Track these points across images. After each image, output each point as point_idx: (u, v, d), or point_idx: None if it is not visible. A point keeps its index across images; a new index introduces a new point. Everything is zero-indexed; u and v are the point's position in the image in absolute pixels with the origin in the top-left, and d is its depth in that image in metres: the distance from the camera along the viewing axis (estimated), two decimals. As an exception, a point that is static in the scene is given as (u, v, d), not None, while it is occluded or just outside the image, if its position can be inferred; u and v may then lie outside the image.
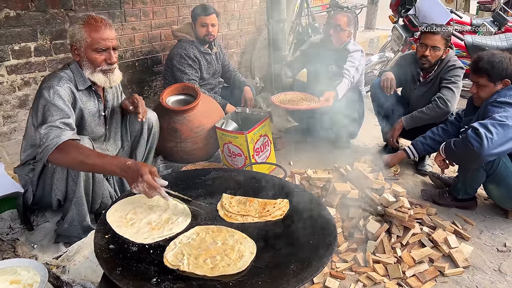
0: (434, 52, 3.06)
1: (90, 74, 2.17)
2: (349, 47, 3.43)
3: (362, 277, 2.13)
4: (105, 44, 2.12)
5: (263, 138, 2.93)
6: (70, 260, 2.02)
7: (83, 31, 2.09)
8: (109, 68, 2.18)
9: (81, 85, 2.19)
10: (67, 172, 2.09)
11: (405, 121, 3.15)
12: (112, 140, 2.48)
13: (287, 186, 2.01)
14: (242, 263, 1.47)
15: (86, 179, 2.14)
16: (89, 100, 2.26)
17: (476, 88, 2.57)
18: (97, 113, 2.32)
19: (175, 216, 1.72)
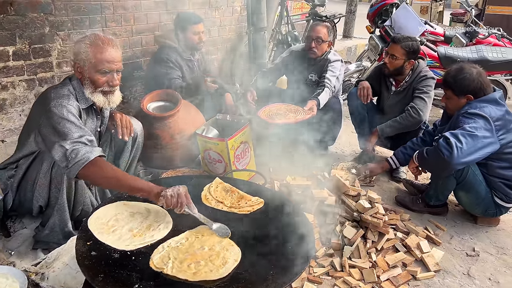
0: (392, 60, 3.22)
1: (90, 93, 2.15)
2: (330, 56, 3.53)
3: (339, 282, 2.19)
4: (110, 66, 2.11)
5: (243, 144, 2.97)
6: (49, 267, 2.01)
7: (89, 51, 2.07)
8: (110, 90, 2.17)
9: (83, 103, 2.17)
10: (50, 179, 2.08)
11: (380, 130, 3.27)
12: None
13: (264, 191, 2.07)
14: (224, 269, 1.52)
15: (68, 186, 2.13)
16: (89, 117, 2.26)
17: (445, 99, 2.71)
18: (94, 130, 2.32)
19: (157, 223, 1.75)
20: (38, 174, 2.09)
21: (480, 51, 4.42)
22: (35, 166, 2.11)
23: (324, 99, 3.34)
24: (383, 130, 3.26)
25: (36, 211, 2.24)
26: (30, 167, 2.14)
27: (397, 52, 3.19)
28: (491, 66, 4.22)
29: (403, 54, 3.18)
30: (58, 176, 2.08)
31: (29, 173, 2.15)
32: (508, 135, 2.49)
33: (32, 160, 2.13)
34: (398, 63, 3.22)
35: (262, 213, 1.88)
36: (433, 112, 4.78)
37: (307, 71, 3.61)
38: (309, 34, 3.58)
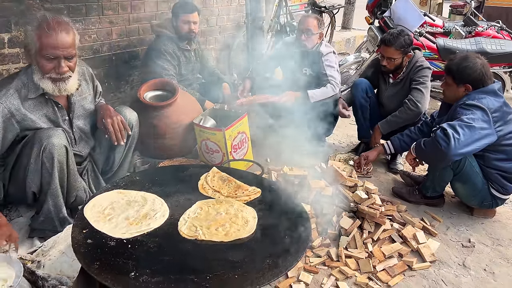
0: (391, 62, 3.21)
1: (39, 79, 2.07)
2: (322, 49, 3.51)
3: (335, 271, 2.19)
4: (54, 52, 2.01)
5: (241, 135, 2.97)
6: (45, 255, 2.01)
7: (34, 34, 2.00)
8: (59, 77, 2.08)
9: (32, 93, 2.10)
10: (41, 164, 2.06)
11: (381, 127, 3.29)
12: (83, 141, 2.43)
13: (263, 181, 2.07)
14: (249, 227, 1.68)
15: (60, 171, 2.11)
16: (42, 107, 2.17)
17: (444, 85, 2.71)
18: (59, 119, 2.24)
19: (153, 211, 1.75)
20: (29, 160, 2.06)
21: (479, 43, 4.41)
22: (25, 153, 2.09)
23: (320, 94, 3.39)
24: (384, 127, 3.28)
25: (30, 199, 2.23)
26: (21, 154, 2.11)
27: (393, 53, 3.15)
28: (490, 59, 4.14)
29: (400, 53, 3.17)
30: (49, 161, 2.05)
31: (20, 160, 2.13)
32: (506, 127, 2.49)
33: (22, 147, 2.11)
34: (397, 62, 3.20)
35: (259, 203, 1.87)
36: (431, 104, 4.78)
37: (301, 64, 3.59)
38: (299, 26, 3.55)
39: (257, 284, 1.37)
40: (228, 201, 1.84)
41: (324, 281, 2.14)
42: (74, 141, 2.35)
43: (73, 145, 2.35)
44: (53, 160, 2.06)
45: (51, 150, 2.04)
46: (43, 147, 2.03)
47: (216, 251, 1.55)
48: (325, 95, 3.40)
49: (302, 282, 2.10)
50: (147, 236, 1.60)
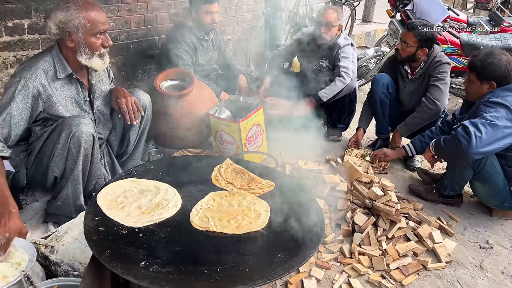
0: (404, 47, 3.14)
1: (87, 59, 2.13)
2: (340, 41, 3.44)
3: (347, 268, 2.17)
4: (103, 27, 2.11)
5: (256, 127, 2.94)
6: (58, 240, 2.03)
7: (81, 16, 2.04)
8: (104, 52, 2.18)
9: (61, 73, 2.15)
10: (68, 150, 2.09)
11: (401, 130, 3.23)
12: (102, 123, 2.47)
13: (277, 174, 2.04)
14: (261, 220, 1.65)
15: (85, 159, 2.14)
16: (70, 88, 2.22)
17: (467, 82, 2.63)
18: (81, 100, 2.29)
19: (166, 201, 1.74)
20: (56, 145, 2.09)
21: (504, 39, 4.27)
22: (52, 138, 2.12)
23: (330, 92, 3.35)
24: (404, 130, 3.24)
25: (50, 183, 2.25)
26: (48, 139, 2.14)
27: (410, 39, 3.10)
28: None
29: (415, 42, 3.09)
30: (76, 148, 2.09)
31: (46, 145, 2.16)
32: (531, 126, 2.40)
33: (51, 132, 2.13)
34: (410, 51, 3.13)
35: (272, 196, 1.85)
36: (451, 101, 4.67)
37: (318, 56, 3.54)
38: (319, 18, 3.48)
39: (268, 279, 1.35)
40: (241, 194, 1.82)
41: (336, 277, 2.11)
42: (94, 122, 2.38)
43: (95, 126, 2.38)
44: (79, 147, 2.09)
45: (79, 137, 2.06)
46: (72, 134, 2.06)
47: (228, 243, 1.53)
48: (335, 91, 3.35)
49: (313, 278, 2.08)
50: (158, 226, 1.59)
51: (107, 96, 2.45)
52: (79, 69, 2.22)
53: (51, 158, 2.12)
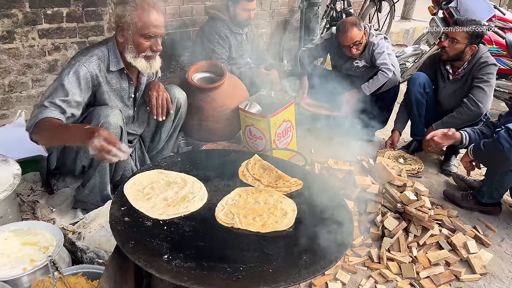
0: (452, 45, 2.97)
1: (132, 58, 2.14)
2: (372, 39, 3.31)
3: (374, 273, 2.09)
4: (155, 31, 2.10)
5: (286, 123, 2.89)
6: (86, 227, 2.06)
7: (135, 14, 2.05)
8: (152, 55, 2.16)
9: (114, 66, 2.18)
10: None
11: (436, 128, 3.04)
12: (140, 120, 2.49)
13: (305, 173, 1.99)
14: (287, 220, 1.59)
15: None
16: (119, 82, 2.25)
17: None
18: (126, 95, 2.31)
19: (192, 194, 1.71)
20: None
21: (554, 41, 4.02)
22: None
23: (371, 85, 3.26)
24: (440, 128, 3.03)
25: (78, 171, 2.29)
26: None
27: (459, 35, 2.93)
28: None
29: (465, 38, 2.93)
30: None
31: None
32: None
33: (81, 121, 2.16)
34: (458, 48, 2.96)
35: (299, 196, 1.80)
36: (494, 105, 4.45)
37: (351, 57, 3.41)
38: (344, 43, 3.27)
39: (292, 282, 1.30)
40: (267, 191, 1.78)
41: (362, 282, 2.05)
42: (133, 119, 2.40)
43: (131, 123, 2.40)
44: None
45: (107, 128, 2.06)
46: (100, 124, 2.07)
47: (252, 241, 1.49)
48: (378, 84, 3.24)
49: (339, 281, 2.03)
50: (183, 219, 1.57)
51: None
52: (130, 65, 2.22)
53: (80, 147, 2.15)
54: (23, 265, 1.64)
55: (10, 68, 2.89)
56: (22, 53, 2.91)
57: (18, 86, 2.97)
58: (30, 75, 2.99)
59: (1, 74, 2.87)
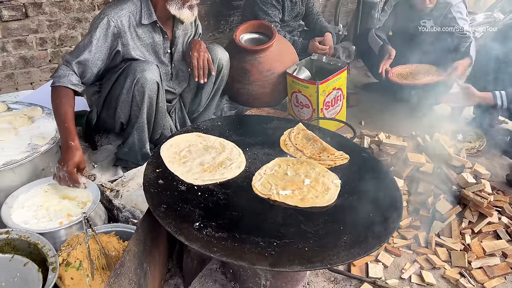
0: None
1: (177, 9, 2.08)
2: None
3: (420, 258, 1.95)
4: None
5: (336, 91, 2.72)
6: (124, 185, 2.06)
7: None
8: (195, 3, 2.11)
9: (146, 19, 2.10)
10: (132, 97, 2.09)
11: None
12: (179, 78, 2.43)
13: (353, 146, 1.86)
14: (329, 196, 1.49)
15: (149, 106, 2.13)
16: (151, 36, 2.18)
17: None
18: (161, 50, 2.24)
19: (229, 161, 1.64)
20: (122, 90, 2.10)
21: None
22: (119, 82, 2.12)
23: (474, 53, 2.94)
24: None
25: (118, 128, 2.30)
26: (116, 83, 2.14)
27: None
28: None
29: None
30: (140, 95, 2.07)
31: (114, 89, 2.17)
32: None
33: (118, 76, 2.13)
34: None
35: (344, 171, 1.67)
36: None
37: (419, 14, 3.07)
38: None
39: (329, 263, 1.21)
40: (309, 163, 1.66)
41: (406, 266, 1.92)
42: (170, 76, 2.35)
43: (169, 80, 2.35)
44: (143, 94, 2.07)
45: (143, 84, 2.04)
46: (136, 80, 2.03)
47: (289, 216, 1.41)
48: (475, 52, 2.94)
49: (380, 263, 1.91)
50: (218, 186, 1.51)
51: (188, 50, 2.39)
52: (164, 18, 2.16)
53: (118, 103, 2.13)
54: (60, 219, 1.66)
55: (61, 22, 2.91)
56: (73, 7, 2.91)
57: (68, 40, 2.99)
58: (80, 29, 2.99)
59: (52, 27, 2.89)
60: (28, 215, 1.66)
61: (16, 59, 2.84)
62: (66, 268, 1.41)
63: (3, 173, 1.70)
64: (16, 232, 1.51)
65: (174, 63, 2.34)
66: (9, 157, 1.76)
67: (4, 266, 1.39)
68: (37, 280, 1.35)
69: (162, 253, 1.57)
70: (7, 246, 1.49)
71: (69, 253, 1.45)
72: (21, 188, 1.75)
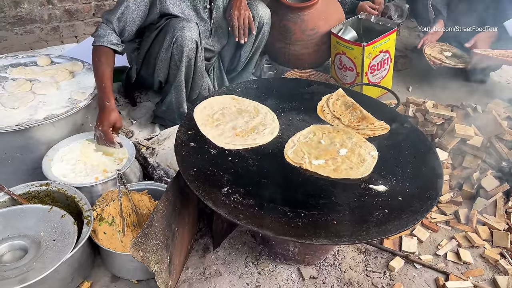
0: None
1: None
2: None
3: (459, 235, 1.87)
4: None
5: (383, 54, 2.56)
6: (160, 143, 2.08)
7: None
8: None
9: None
10: (171, 55, 2.07)
11: None
12: (218, 36, 2.37)
13: (395, 116, 1.76)
14: (364, 167, 1.43)
15: (187, 66, 2.10)
16: None
17: None
18: (200, 6, 2.17)
19: (263, 126, 1.60)
20: (161, 48, 2.08)
21: None
22: (158, 40, 2.09)
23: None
24: None
25: (156, 86, 2.31)
26: (155, 40, 2.12)
27: None
28: None
29: None
30: (178, 54, 2.04)
31: (153, 46, 2.16)
32: None
33: (157, 33, 2.10)
34: None
35: (383, 140, 1.59)
36: None
37: None
38: None
39: (357, 239, 1.17)
40: (346, 132, 1.59)
41: (442, 242, 1.84)
42: (209, 33, 2.30)
43: (208, 38, 2.30)
44: (182, 53, 2.04)
45: (182, 43, 2.00)
46: (175, 38, 2.00)
47: (320, 186, 1.37)
48: None
49: (415, 238, 1.84)
50: (250, 152, 1.48)
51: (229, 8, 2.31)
52: None
53: (157, 61, 2.12)
54: (97, 174, 1.71)
55: (104, -25, 2.89)
56: (115, -41, 2.86)
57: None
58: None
59: (95, -19, 2.88)
60: (67, 168, 1.73)
61: (61, 12, 2.88)
62: (100, 223, 1.47)
63: (44, 126, 1.76)
64: (55, 184, 1.57)
65: (213, 20, 2.28)
66: (51, 111, 1.81)
67: (43, 217, 1.47)
68: (72, 232, 1.41)
69: (192, 214, 1.59)
70: (47, 197, 1.57)
71: (103, 209, 1.50)
72: (61, 142, 1.81)
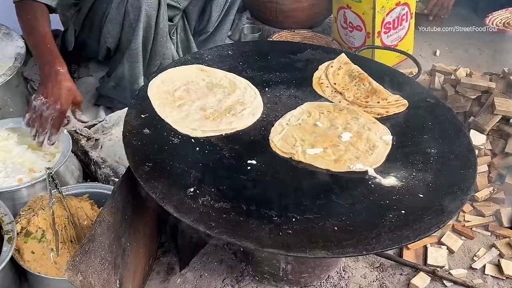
0: None
1: None
2: None
3: (501, 243, 1.94)
4: None
5: (401, 8, 2.62)
6: (106, 132, 2.10)
7: None
8: None
9: None
10: (124, 14, 2.08)
11: None
12: None
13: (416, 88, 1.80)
14: (375, 156, 1.47)
15: (146, 27, 2.12)
16: None
17: None
18: None
19: (241, 105, 1.63)
20: (110, 4, 2.09)
21: None
22: None
23: None
24: None
25: (102, 55, 2.32)
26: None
27: None
28: None
29: None
30: (134, 11, 2.06)
31: (98, 2, 2.17)
32: None
33: None
34: None
35: (398, 121, 1.64)
36: None
37: None
38: None
39: (364, 250, 1.19)
40: (352, 111, 1.63)
41: (479, 252, 1.91)
42: None
43: None
44: (139, 11, 2.06)
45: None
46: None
47: (317, 183, 1.40)
48: None
49: (444, 247, 1.89)
50: (224, 140, 1.51)
51: None
52: None
53: (104, 22, 2.13)
54: (20, 174, 1.71)
55: None
56: None
57: None
58: None
59: None
60: (-21, 168, 1.72)
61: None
62: (26, 239, 1.47)
63: None
64: (-38, 190, 1.57)
65: None
66: None
67: None
68: (-13, 253, 1.41)
69: (149, 224, 1.61)
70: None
71: (30, 220, 1.51)
72: (-31, 133, 1.80)
